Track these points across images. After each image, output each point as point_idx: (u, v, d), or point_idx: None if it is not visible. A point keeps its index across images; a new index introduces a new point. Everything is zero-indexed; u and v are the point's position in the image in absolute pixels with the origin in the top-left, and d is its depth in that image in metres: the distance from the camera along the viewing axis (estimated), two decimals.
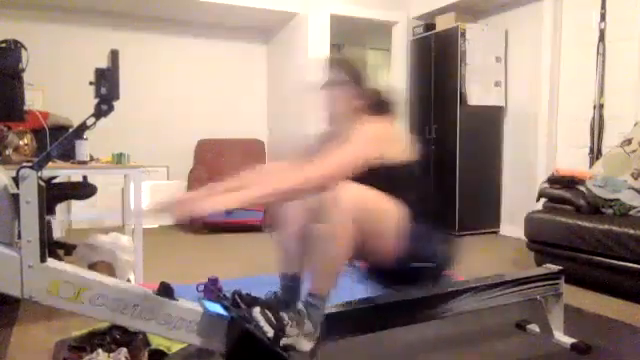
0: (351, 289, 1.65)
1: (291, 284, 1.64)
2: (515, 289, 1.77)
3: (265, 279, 1.73)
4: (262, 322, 1.29)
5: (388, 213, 1.47)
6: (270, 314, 1.33)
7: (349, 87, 1.68)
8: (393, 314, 1.57)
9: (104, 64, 1.36)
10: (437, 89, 4.74)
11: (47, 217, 2.57)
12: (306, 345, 1.34)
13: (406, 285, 1.64)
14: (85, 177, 3.62)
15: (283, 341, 1.31)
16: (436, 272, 1.63)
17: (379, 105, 1.71)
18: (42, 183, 1.25)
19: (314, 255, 1.45)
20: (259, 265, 3.40)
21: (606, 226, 2.62)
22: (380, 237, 1.46)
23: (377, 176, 1.49)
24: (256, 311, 1.32)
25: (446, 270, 1.66)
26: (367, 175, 1.46)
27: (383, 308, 1.57)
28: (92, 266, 2.52)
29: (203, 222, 4.59)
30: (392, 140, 1.59)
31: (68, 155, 2.63)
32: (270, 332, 1.28)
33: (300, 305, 1.41)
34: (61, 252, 3.42)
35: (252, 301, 1.39)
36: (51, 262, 1.28)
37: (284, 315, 1.35)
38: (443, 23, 4.70)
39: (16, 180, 1.24)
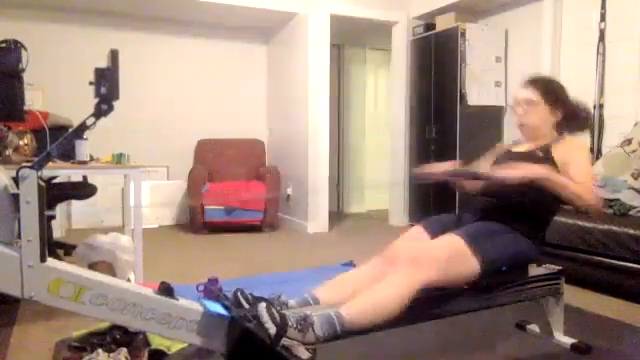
0: None
1: (310, 302, 1.61)
2: (515, 289, 1.77)
3: (265, 279, 1.73)
4: (266, 318, 1.29)
5: (459, 266, 1.62)
6: (275, 311, 1.32)
7: (546, 105, 1.88)
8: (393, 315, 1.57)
9: (104, 64, 1.36)
10: (437, 89, 4.74)
11: (49, 212, 2.58)
12: (304, 353, 1.32)
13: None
14: (85, 177, 3.62)
15: (283, 341, 1.30)
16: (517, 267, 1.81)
17: (573, 122, 1.94)
18: (42, 183, 1.25)
19: (376, 290, 1.50)
20: (259, 265, 3.40)
21: (606, 226, 2.62)
22: (457, 282, 1.63)
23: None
24: (262, 306, 1.31)
25: (530, 261, 1.85)
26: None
27: None
28: (92, 266, 2.52)
29: (203, 222, 4.60)
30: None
31: (68, 155, 2.63)
32: (272, 329, 1.28)
33: (309, 312, 1.39)
34: (61, 252, 3.42)
35: (255, 300, 1.39)
36: (51, 262, 1.28)
37: (289, 316, 1.34)
38: (443, 23, 4.70)
39: (16, 180, 1.24)
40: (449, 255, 1.59)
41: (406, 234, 1.88)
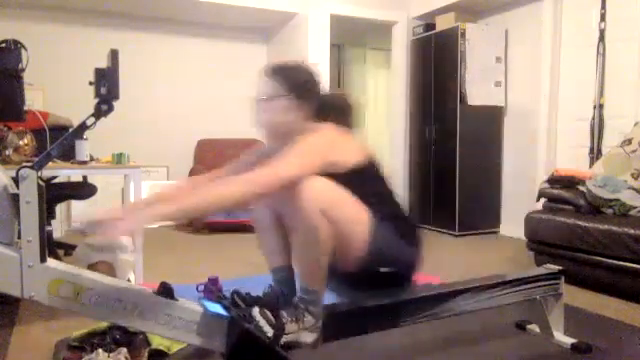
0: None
1: (283, 274, 1.65)
2: (515, 289, 1.77)
3: (265, 279, 1.73)
4: (262, 322, 1.30)
5: (352, 210, 1.46)
6: (269, 314, 1.33)
7: (286, 99, 1.55)
8: (393, 314, 1.57)
9: (104, 64, 1.36)
10: (437, 89, 4.74)
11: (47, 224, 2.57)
12: (309, 337, 1.34)
13: (369, 290, 1.58)
14: (85, 177, 3.62)
15: (284, 339, 1.31)
16: (400, 277, 1.62)
17: (323, 111, 1.62)
18: (42, 183, 1.25)
19: (296, 251, 1.47)
20: (259, 265, 3.40)
21: (606, 226, 2.62)
22: (344, 235, 1.43)
23: (343, 179, 1.46)
24: (255, 311, 1.32)
25: (411, 275, 1.64)
26: None
27: (383, 308, 1.56)
28: (92, 266, 2.52)
29: (206, 223, 4.60)
30: (338, 146, 1.51)
31: (68, 155, 2.64)
32: (270, 332, 1.28)
33: (297, 300, 1.42)
34: (61, 252, 3.42)
35: (251, 301, 1.40)
36: (51, 262, 1.29)
37: (283, 313, 1.36)
38: (443, 23, 4.70)
39: (16, 180, 1.24)
40: (339, 188, 1.44)
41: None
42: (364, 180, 1.52)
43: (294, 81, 1.56)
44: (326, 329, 1.42)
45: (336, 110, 1.67)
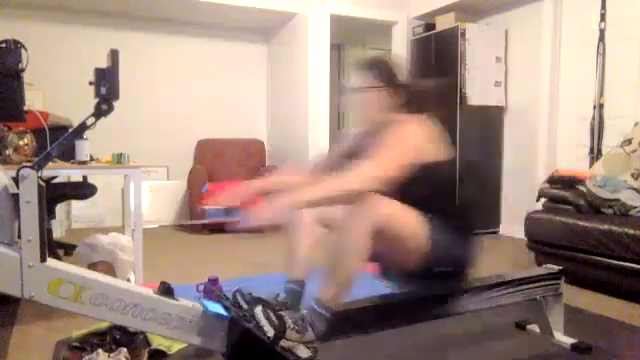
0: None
1: (297, 289, 1.64)
2: (515, 289, 1.77)
3: (265, 279, 1.73)
4: (263, 321, 1.29)
5: (410, 228, 1.49)
6: (272, 314, 1.32)
7: (380, 89, 1.67)
8: (393, 314, 1.57)
9: (104, 64, 1.36)
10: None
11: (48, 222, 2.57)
12: (305, 352, 1.33)
13: (426, 286, 1.66)
14: (85, 177, 3.62)
15: (282, 342, 1.31)
16: (457, 274, 1.67)
17: (414, 102, 1.72)
18: (42, 183, 1.25)
19: (332, 265, 1.45)
20: (259, 265, 3.40)
21: (606, 226, 2.62)
22: (401, 250, 1.50)
23: (413, 179, 1.51)
24: (258, 310, 1.32)
25: (466, 271, 1.70)
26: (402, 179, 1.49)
27: (383, 308, 1.56)
28: (92, 266, 2.52)
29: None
30: (428, 140, 1.60)
31: (68, 155, 2.63)
32: (270, 332, 1.28)
33: (305, 311, 1.40)
34: (61, 252, 3.42)
35: (254, 301, 1.39)
36: (51, 262, 1.28)
37: (286, 317, 1.35)
38: (443, 23, 4.70)
39: (16, 180, 1.24)
40: (401, 206, 1.49)
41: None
42: (434, 178, 1.59)
43: (387, 73, 1.67)
44: (326, 329, 1.41)
45: (421, 99, 1.76)
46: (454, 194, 1.70)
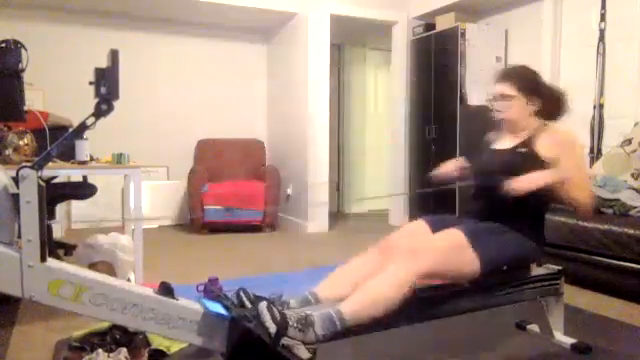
0: None
1: (311, 301, 1.60)
2: (515, 289, 1.77)
3: (265, 279, 1.73)
4: (266, 317, 1.28)
5: (455, 263, 1.60)
6: (276, 311, 1.32)
7: (521, 98, 1.84)
8: (393, 314, 1.57)
9: (104, 64, 1.36)
10: (437, 89, 4.74)
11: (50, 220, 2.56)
12: (305, 353, 1.32)
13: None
14: (85, 177, 3.62)
15: (283, 340, 1.30)
16: (520, 267, 1.82)
17: (553, 108, 1.91)
18: (42, 183, 1.25)
19: (374, 283, 1.48)
20: (259, 265, 3.40)
21: (606, 226, 2.62)
22: (454, 278, 1.64)
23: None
24: (263, 305, 1.31)
25: (532, 261, 1.85)
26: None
27: None
28: (92, 266, 2.52)
29: (203, 222, 4.60)
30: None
31: (68, 155, 2.63)
32: (273, 328, 1.27)
33: (310, 312, 1.38)
34: (61, 252, 3.42)
35: (257, 299, 1.39)
36: (51, 262, 1.28)
37: (290, 315, 1.34)
38: (443, 23, 4.70)
39: (16, 180, 1.24)
40: (449, 246, 1.59)
41: (406, 226, 1.88)
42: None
43: (526, 82, 1.85)
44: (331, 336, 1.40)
45: (560, 109, 1.93)
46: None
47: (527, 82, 1.86)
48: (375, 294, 1.46)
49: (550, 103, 1.89)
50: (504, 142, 1.97)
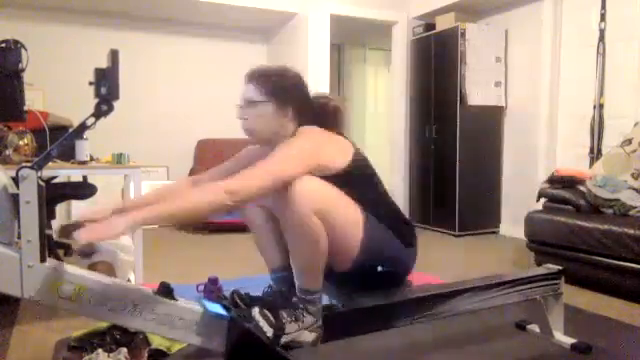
0: None
1: (281, 274, 1.65)
2: (515, 289, 1.77)
3: (265, 279, 1.74)
4: (261, 322, 1.30)
5: (346, 210, 1.46)
6: (269, 314, 1.33)
7: (268, 104, 1.55)
8: (393, 314, 1.57)
9: (104, 64, 1.36)
10: (437, 89, 4.74)
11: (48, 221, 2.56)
12: (309, 336, 1.34)
13: (365, 290, 1.58)
14: (85, 177, 3.62)
15: (284, 339, 1.31)
16: (395, 276, 1.62)
17: (308, 114, 1.62)
18: (42, 183, 1.25)
19: (292, 252, 1.45)
20: (259, 265, 3.39)
21: (606, 226, 2.62)
22: (339, 235, 1.43)
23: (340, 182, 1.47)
24: (255, 311, 1.32)
25: (406, 274, 1.65)
26: None
27: (383, 308, 1.56)
28: (92, 266, 2.52)
29: (208, 222, 4.60)
30: (325, 148, 1.50)
31: (68, 155, 2.63)
32: (269, 332, 1.28)
33: (296, 300, 1.42)
34: (61, 252, 3.42)
35: (251, 301, 1.40)
36: (51, 262, 1.28)
37: (283, 313, 1.36)
38: (443, 23, 4.70)
39: (16, 180, 1.24)
40: (336, 191, 1.45)
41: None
42: (354, 182, 1.51)
43: (277, 86, 1.55)
44: (326, 330, 1.42)
45: (321, 114, 1.65)
46: (384, 196, 1.64)
47: (277, 86, 1.56)
48: (301, 249, 1.40)
49: (308, 111, 1.62)
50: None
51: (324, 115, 1.66)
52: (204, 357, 1.75)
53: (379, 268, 1.54)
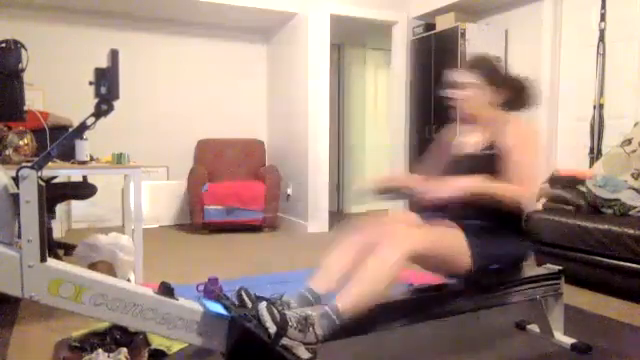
0: None
1: (310, 299, 1.59)
2: (515, 289, 1.77)
3: (265, 279, 1.73)
4: (266, 317, 1.28)
5: (447, 244, 1.59)
6: (276, 311, 1.32)
7: (483, 88, 1.79)
8: (393, 314, 1.57)
9: (104, 64, 1.36)
10: (437, 89, 4.74)
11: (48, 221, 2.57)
12: (304, 353, 1.32)
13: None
14: (85, 177, 3.62)
15: (283, 341, 1.30)
16: (509, 266, 1.79)
17: (516, 100, 1.85)
18: (42, 183, 1.25)
19: (366, 270, 1.47)
20: (259, 265, 3.40)
21: (606, 226, 2.62)
22: (447, 263, 1.60)
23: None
24: (262, 306, 1.31)
25: (521, 262, 1.82)
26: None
27: (383, 308, 1.56)
28: (92, 266, 2.52)
29: (207, 222, 4.60)
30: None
31: (68, 155, 2.64)
32: (273, 328, 1.27)
33: (309, 312, 1.38)
34: (61, 252, 3.42)
35: (257, 299, 1.39)
36: (51, 262, 1.28)
37: (290, 315, 1.34)
38: (443, 23, 4.70)
39: (16, 180, 1.24)
40: (441, 232, 1.60)
41: (394, 213, 1.86)
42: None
43: (489, 72, 1.80)
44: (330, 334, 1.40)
45: (525, 99, 1.89)
46: None
47: (487, 70, 1.80)
48: (368, 281, 1.45)
49: (513, 93, 1.84)
50: (467, 141, 1.89)
51: (520, 96, 1.87)
52: (204, 357, 1.75)
53: (492, 266, 1.70)
